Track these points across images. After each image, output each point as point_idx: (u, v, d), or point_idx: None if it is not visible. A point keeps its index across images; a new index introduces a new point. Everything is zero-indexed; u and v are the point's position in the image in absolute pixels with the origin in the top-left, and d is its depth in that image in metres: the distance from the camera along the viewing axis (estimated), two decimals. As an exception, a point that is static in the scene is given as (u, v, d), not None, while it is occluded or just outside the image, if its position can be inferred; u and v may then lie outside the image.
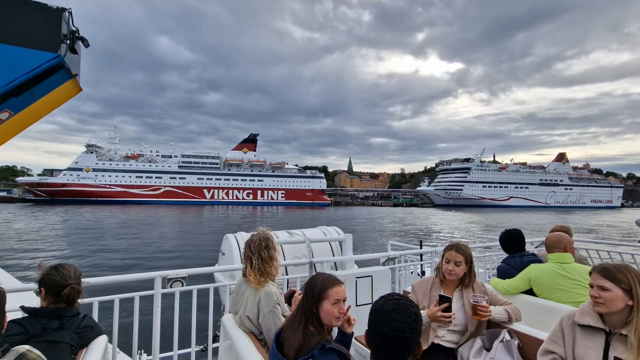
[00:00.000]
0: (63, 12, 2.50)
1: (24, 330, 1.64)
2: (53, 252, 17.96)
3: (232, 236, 4.94)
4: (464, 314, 2.30)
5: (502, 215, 58.45)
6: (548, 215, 64.35)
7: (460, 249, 2.35)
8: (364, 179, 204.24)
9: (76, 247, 19.15)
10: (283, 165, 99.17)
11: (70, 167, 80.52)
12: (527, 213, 70.72)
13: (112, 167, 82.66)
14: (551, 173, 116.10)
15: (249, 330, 2.14)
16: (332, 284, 1.63)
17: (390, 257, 4.39)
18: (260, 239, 2.25)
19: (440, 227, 35.84)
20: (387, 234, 28.40)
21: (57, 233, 24.76)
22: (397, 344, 1.29)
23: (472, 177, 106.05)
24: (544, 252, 3.29)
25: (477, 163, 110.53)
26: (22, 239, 21.43)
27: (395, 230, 32.18)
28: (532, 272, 2.77)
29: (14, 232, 24.57)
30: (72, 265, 1.89)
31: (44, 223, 30.98)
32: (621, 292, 1.54)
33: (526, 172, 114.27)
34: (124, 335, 2.80)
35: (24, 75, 2.43)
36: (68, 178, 78.26)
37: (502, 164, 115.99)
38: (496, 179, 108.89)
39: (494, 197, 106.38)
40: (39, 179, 79.93)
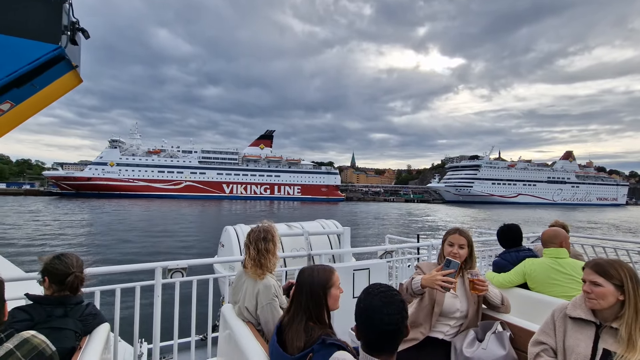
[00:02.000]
0: (63, 4, 2.51)
1: (29, 317, 1.68)
2: (78, 242, 18.52)
3: (232, 228, 5.01)
4: (466, 301, 2.30)
5: (511, 212, 60.32)
6: (555, 212, 66.20)
7: (462, 232, 2.38)
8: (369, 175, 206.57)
9: (101, 238, 19.94)
10: (299, 162, 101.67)
11: (95, 161, 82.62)
12: (535, 210, 73.05)
13: (135, 162, 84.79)
14: (558, 171, 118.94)
15: (248, 320, 2.16)
16: (332, 271, 1.70)
17: (387, 250, 4.40)
18: (259, 231, 2.29)
19: (451, 222, 36.97)
20: (415, 230, 29.05)
21: (95, 227, 25.47)
22: (392, 337, 1.33)
23: (481, 175, 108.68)
24: (539, 246, 3.43)
25: (486, 160, 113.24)
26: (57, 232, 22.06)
27: (428, 227, 32.95)
28: (527, 266, 2.83)
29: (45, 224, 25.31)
30: (75, 254, 1.93)
31: (81, 217, 32.49)
32: (612, 287, 1.57)
33: (534, 169, 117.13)
34: (125, 324, 2.85)
35: (25, 67, 2.45)
36: (93, 172, 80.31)
37: (511, 162, 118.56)
38: (505, 177, 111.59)
39: (502, 194, 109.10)
40: (65, 172, 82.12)
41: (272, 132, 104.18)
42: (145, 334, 3.05)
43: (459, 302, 2.29)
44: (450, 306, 2.27)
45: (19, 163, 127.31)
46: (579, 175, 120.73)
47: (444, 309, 2.27)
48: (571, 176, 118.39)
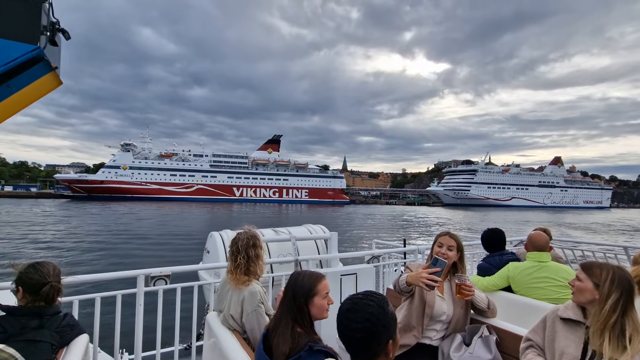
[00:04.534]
0: (43, 3, 2.38)
1: (1, 330, 1.61)
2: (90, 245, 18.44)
3: (217, 234, 4.91)
4: (453, 304, 2.30)
5: (505, 214, 64.04)
6: (545, 214, 70.31)
7: (452, 235, 2.38)
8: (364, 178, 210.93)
9: (116, 239, 20.13)
10: (306, 165, 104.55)
11: (109, 165, 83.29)
12: (527, 212, 77.87)
13: (147, 166, 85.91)
14: (548, 175, 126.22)
15: (233, 328, 2.12)
16: (319, 279, 1.66)
17: (374, 255, 4.40)
18: (248, 237, 2.27)
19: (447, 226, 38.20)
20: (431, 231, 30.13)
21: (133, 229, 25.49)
22: (351, 344, 1.30)
23: (478, 179, 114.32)
24: (522, 250, 3.52)
25: (482, 165, 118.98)
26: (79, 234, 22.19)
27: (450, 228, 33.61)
28: (511, 270, 2.87)
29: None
30: (52, 263, 1.86)
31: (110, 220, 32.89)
32: (591, 284, 1.63)
33: (526, 174, 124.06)
34: (106, 334, 2.75)
35: (0, 67, 2.27)
36: (107, 175, 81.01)
37: (505, 167, 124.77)
38: (500, 181, 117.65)
39: (497, 197, 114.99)
40: (78, 176, 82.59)
41: (279, 136, 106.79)
42: (126, 345, 2.98)
43: (446, 305, 2.28)
44: (437, 309, 2.25)
45: (16, 165, 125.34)
46: (567, 179, 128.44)
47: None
48: (560, 180, 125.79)
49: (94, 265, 14.36)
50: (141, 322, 2.81)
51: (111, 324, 2.77)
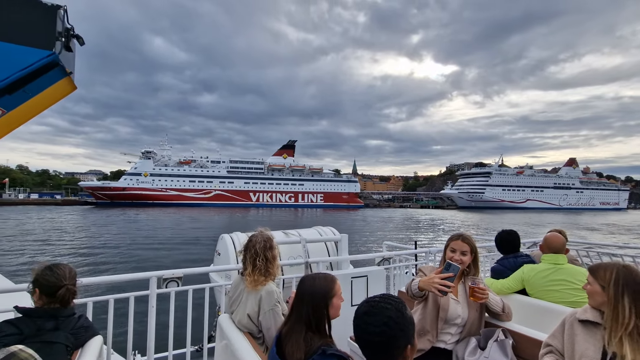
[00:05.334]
0: (58, 10, 2.50)
1: (18, 331, 1.63)
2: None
3: (228, 236, 4.93)
4: (467, 307, 2.26)
5: (520, 216, 63.97)
6: (561, 216, 70.13)
7: (466, 239, 2.32)
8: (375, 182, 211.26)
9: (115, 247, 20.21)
10: (321, 170, 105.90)
11: (130, 172, 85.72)
12: (543, 214, 77.78)
13: (167, 172, 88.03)
14: (563, 177, 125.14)
15: (246, 329, 2.14)
16: (334, 280, 1.67)
17: (385, 257, 4.38)
18: (264, 240, 2.30)
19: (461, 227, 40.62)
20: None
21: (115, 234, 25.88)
22: (368, 348, 1.28)
23: (492, 181, 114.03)
24: (537, 252, 3.49)
25: (495, 167, 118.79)
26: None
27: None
28: (525, 272, 2.82)
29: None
30: (68, 265, 1.89)
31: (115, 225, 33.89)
32: (598, 287, 1.61)
33: (541, 176, 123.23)
34: (119, 335, 2.78)
35: (17, 73, 2.42)
36: (128, 182, 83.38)
37: (519, 169, 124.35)
38: (514, 183, 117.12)
39: (512, 199, 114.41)
40: (101, 183, 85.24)
41: (294, 142, 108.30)
42: (139, 346, 3.00)
43: (461, 309, 2.25)
44: (452, 312, 2.22)
45: (39, 173, 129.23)
46: (583, 181, 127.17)
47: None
48: (575, 182, 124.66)
49: (111, 267, 14.83)
50: (153, 324, 2.85)
51: (124, 326, 2.79)
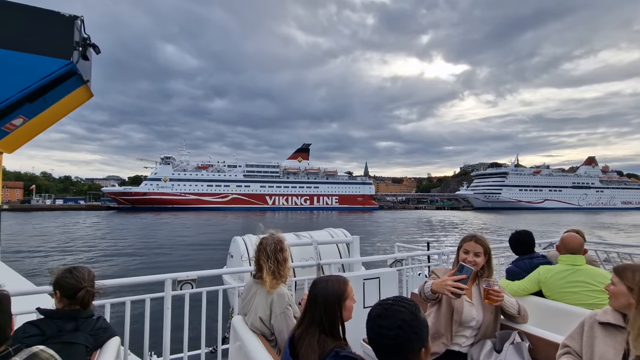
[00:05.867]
0: (75, 20, 2.60)
1: (40, 332, 1.68)
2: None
3: (240, 239, 4.98)
4: (482, 310, 2.23)
5: (538, 217, 63.04)
6: (581, 216, 68.69)
7: (479, 240, 2.30)
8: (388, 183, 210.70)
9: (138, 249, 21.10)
10: (336, 173, 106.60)
11: (151, 177, 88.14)
12: (561, 214, 76.06)
13: (186, 177, 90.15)
14: (582, 176, 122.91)
15: (259, 331, 2.14)
16: (346, 282, 1.67)
17: (397, 258, 4.34)
18: (275, 242, 2.31)
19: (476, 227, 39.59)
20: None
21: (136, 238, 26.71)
22: (381, 351, 1.26)
23: (509, 182, 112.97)
24: (553, 253, 3.44)
25: (512, 168, 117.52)
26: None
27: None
28: (542, 273, 2.76)
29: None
30: (86, 268, 1.94)
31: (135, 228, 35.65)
32: (624, 288, 1.58)
33: (559, 175, 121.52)
34: (135, 336, 2.81)
35: (37, 82, 2.55)
36: (149, 187, 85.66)
37: (536, 168, 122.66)
38: (531, 183, 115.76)
39: (529, 199, 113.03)
40: (123, 188, 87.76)
41: (308, 145, 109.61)
42: (155, 347, 3.04)
43: (475, 311, 2.22)
44: (466, 314, 2.20)
45: (62, 180, 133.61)
46: (603, 180, 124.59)
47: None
48: (595, 181, 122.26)
49: (131, 269, 15.20)
50: (169, 325, 2.89)
51: (140, 327, 2.84)
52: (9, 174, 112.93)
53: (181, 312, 3.03)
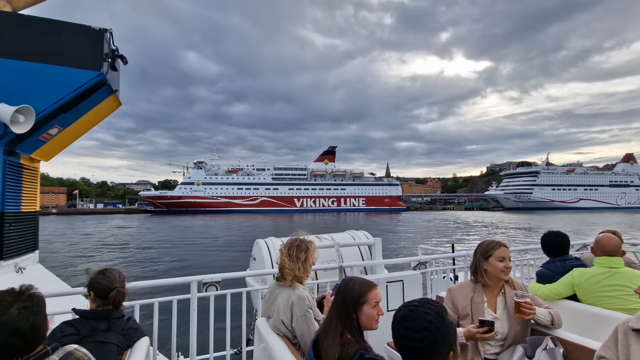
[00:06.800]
0: (105, 33, 2.73)
1: (76, 331, 1.76)
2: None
3: (263, 241, 4.96)
4: (508, 323, 2.14)
5: (573, 217, 61.53)
6: (619, 216, 66.14)
7: (504, 244, 2.24)
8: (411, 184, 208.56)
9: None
10: (362, 174, 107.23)
11: (184, 181, 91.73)
12: (597, 214, 73.62)
13: (217, 181, 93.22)
14: (620, 174, 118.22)
15: (282, 334, 2.14)
16: (369, 287, 1.64)
17: (421, 261, 4.26)
18: (297, 239, 2.37)
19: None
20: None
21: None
22: (409, 353, 1.24)
23: (540, 181, 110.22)
24: (587, 255, 3.31)
25: (543, 166, 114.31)
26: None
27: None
28: (576, 276, 2.63)
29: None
30: (117, 270, 2.01)
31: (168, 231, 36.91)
32: None
33: (595, 174, 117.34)
34: (162, 337, 2.87)
35: (71, 93, 2.70)
36: (183, 191, 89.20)
37: (570, 167, 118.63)
38: (565, 182, 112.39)
39: (563, 199, 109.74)
40: (159, 192, 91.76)
41: (334, 147, 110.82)
42: (181, 348, 3.08)
43: (499, 325, 2.12)
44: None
45: (99, 185, 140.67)
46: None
47: None
48: (634, 179, 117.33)
49: (161, 270, 15.58)
50: (195, 327, 2.93)
51: (168, 328, 2.88)
52: (52, 180, 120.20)
53: (206, 313, 3.09)
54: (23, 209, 3.22)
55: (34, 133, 2.89)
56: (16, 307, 1.21)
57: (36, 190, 3.51)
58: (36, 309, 1.26)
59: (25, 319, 1.20)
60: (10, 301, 1.22)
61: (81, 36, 2.79)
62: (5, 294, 1.24)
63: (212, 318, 3.10)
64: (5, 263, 2.93)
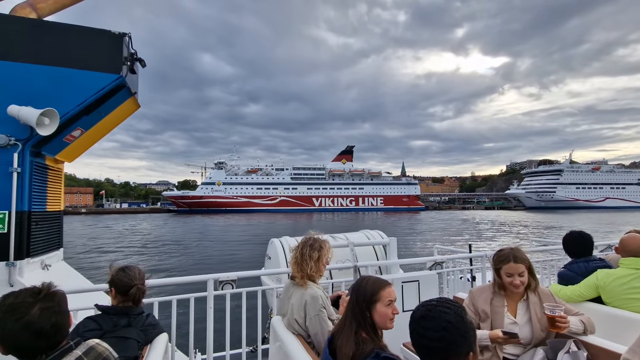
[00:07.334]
0: (124, 37, 2.80)
1: (98, 326, 1.81)
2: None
3: (277, 240, 5.00)
4: (530, 328, 2.08)
5: (599, 216, 59.36)
6: None
7: (518, 258, 2.12)
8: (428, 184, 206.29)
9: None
10: (380, 174, 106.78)
11: (205, 181, 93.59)
12: (625, 213, 71.02)
13: (237, 181, 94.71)
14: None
15: (297, 332, 2.15)
16: (383, 285, 1.63)
17: (437, 261, 4.23)
18: (311, 238, 2.37)
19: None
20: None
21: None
22: (428, 354, 1.21)
23: (564, 179, 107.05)
24: (612, 256, 3.21)
25: (567, 164, 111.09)
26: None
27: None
28: (600, 278, 2.54)
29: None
30: (137, 267, 2.06)
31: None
32: None
33: (622, 172, 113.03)
34: (179, 334, 2.89)
35: (92, 96, 2.77)
36: (204, 191, 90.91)
37: (595, 164, 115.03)
38: (590, 180, 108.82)
39: (588, 198, 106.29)
40: (181, 192, 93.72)
41: (352, 147, 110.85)
42: (198, 345, 3.11)
43: (518, 329, 2.05)
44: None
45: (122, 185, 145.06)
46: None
47: None
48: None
49: (182, 268, 15.82)
50: (212, 324, 2.97)
51: (185, 325, 2.92)
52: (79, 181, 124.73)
53: (223, 311, 3.12)
54: (48, 209, 3.29)
55: (58, 135, 2.98)
56: (38, 307, 1.23)
57: (60, 191, 3.58)
58: (57, 309, 1.28)
59: (47, 319, 1.23)
60: (31, 302, 1.24)
61: (102, 41, 2.87)
62: (26, 295, 1.26)
63: (228, 316, 3.13)
64: (32, 260, 3.01)
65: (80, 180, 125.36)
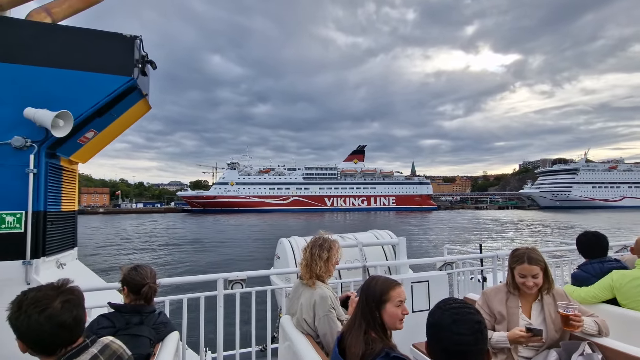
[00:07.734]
0: (135, 40, 2.83)
1: (111, 324, 1.85)
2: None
3: (286, 240, 5.00)
4: (545, 329, 2.02)
5: (615, 216, 57.92)
6: None
7: (532, 259, 2.07)
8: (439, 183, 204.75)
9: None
10: (392, 173, 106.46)
11: (219, 182, 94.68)
12: None
13: (250, 181, 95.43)
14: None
15: (306, 332, 2.14)
16: (393, 285, 1.62)
17: (447, 261, 4.19)
18: (320, 238, 2.36)
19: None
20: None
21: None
22: (461, 358, 1.19)
23: (580, 178, 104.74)
24: (628, 257, 3.16)
25: (582, 163, 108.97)
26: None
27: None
28: (615, 279, 2.49)
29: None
30: (149, 266, 2.10)
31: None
32: None
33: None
34: (190, 332, 2.93)
35: (105, 98, 2.81)
36: (218, 191, 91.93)
37: (612, 163, 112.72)
38: (606, 179, 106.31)
39: (605, 197, 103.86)
40: (195, 192, 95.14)
41: (363, 147, 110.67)
42: (209, 343, 3.14)
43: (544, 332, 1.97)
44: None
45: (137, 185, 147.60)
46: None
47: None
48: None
49: (196, 267, 16.07)
50: (222, 323, 2.99)
51: (195, 323, 2.96)
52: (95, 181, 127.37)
53: (233, 310, 3.13)
54: (63, 209, 3.35)
55: (72, 137, 3.05)
56: (59, 300, 1.26)
57: (75, 191, 3.64)
58: (77, 302, 1.32)
59: (69, 311, 1.26)
60: (53, 295, 1.27)
61: (114, 44, 2.92)
62: (48, 289, 1.29)
63: (237, 315, 3.15)
64: (47, 259, 3.06)
65: (96, 181, 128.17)
